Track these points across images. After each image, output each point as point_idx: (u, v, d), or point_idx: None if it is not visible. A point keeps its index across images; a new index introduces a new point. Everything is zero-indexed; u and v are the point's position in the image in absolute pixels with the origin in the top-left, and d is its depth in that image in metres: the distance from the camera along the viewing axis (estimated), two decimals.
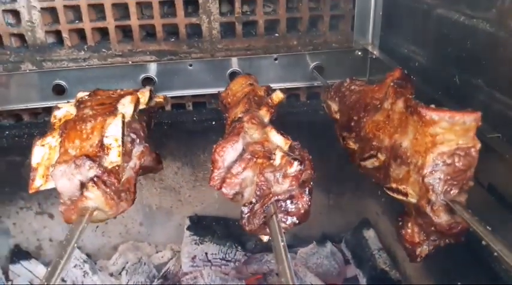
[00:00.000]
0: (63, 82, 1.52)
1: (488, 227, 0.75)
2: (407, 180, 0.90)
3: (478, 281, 1.13)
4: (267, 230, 0.88)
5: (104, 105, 1.08)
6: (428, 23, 1.32)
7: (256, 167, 0.90)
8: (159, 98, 1.32)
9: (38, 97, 1.54)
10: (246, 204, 0.89)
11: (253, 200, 0.89)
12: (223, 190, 0.90)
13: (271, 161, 0.90)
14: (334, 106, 1.31)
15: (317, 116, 1.72)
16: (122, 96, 1.14)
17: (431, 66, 1.33)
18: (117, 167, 0.96)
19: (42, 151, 1.02)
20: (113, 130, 0.98)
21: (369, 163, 1.03)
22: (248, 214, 0.89)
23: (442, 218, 0.84)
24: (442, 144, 0.84)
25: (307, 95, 1.76)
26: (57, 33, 1.54)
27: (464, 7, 1.16)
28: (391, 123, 0.99)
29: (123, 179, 0.99)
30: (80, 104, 1.11)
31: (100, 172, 0.92)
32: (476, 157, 0.84)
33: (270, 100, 1.20)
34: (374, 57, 1.57)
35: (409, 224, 0.91)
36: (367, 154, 1.03)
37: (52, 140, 1.03)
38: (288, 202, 0.90)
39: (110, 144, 0.97)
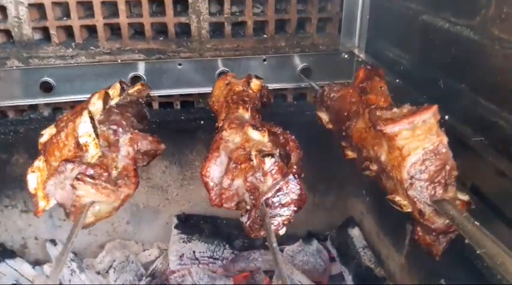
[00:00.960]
0: (50, 80, 1.51)
1: (476, 223, 0.76)
2: (397, 192, 0.91)
3: (462, 279, 1.17)
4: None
5: (76, 111, 1.09)
6: (414, 28, 1.36)
7: (241, 173, 0.90)
8: (137, 86, 1.32)
9: (24, 94, 1.52)
10: (243, 213, 0.91)
11: (248, 207, 0.90)
12: (225, 205, 0.91)
13: (251, 162, 0.90)
14: (325, 117, 1.30)
15: (304, 117, 1.75)
16: (91, 97, 1.15)
17: (415, 70, 1.37)
18: (101, 159, 0.97)
19: (35, 177, 1.04)
20: (83, 127, 0.99)
21: (367, 174, 1.03)
22: (248, 222, 0.90)
23: (438, 222, 0.85)
24: (409, 155, 0.84)
25: (294, 96, 1.79)
26: (45, 30, 1.52)
27: (449, 15, 1.20)
28: (370, 133, 0.99)
29: (119, 169, 1.00)
30: (57, 122, 1.12)
31: (83, 168, 0.93)
32: (447, 151, 0.85)
33: (250, 91, 1.20)
34: (360, 59, 1.61)
35: (418, 228, 0.92)
36: (363, 165, 1.03)
37: (39, 163, 1.05)
38: (279, 195, 0.89)
39: (86, 141, 0.98)
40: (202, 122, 1.70)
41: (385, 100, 1.08)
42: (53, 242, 1.78)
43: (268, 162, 0.88)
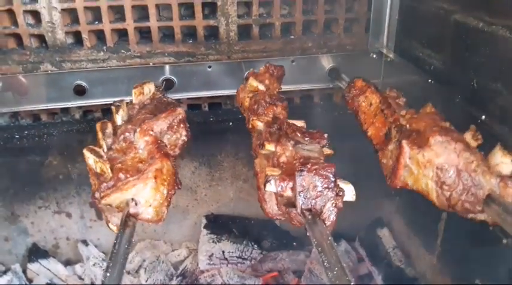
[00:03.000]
0: (83, 83, 1.54)
1: None
2: None
3: (496, 279, 1.17)
4: None
5: None
6: (445, 28, 1.35)
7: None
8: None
9: (58, 97, 1.55)
10: None
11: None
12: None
13: None
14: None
15: (331, 117, 1.76)
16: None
17: (447, 70, 1.36)
18: (119, 166, 0.97)
19: None
20: (90, 162, 1.01)
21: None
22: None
23: None
24: None
25: (321, 97, 1.79)
26: (77, 34, 1.55)
27: (483, 14, 1.19)
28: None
29: (144, 160, 0.99)
30: None
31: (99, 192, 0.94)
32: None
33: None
34: (389, 59, 1.60)
35: None
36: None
37: None
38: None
39: (99, 168, 0.98)
40: (230, 123, 1.71)
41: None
42: (85, 242, 1.82)
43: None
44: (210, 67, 1.59)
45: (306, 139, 1.01)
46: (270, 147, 0.95)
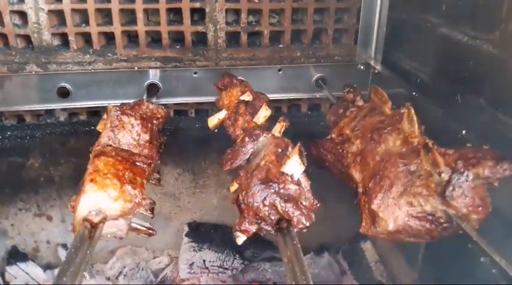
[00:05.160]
0: (67, 85, 1.53)
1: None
2: None
3: None
4: None
5: None
6: (431, 41, 1.35)
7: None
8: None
9: (42, 99, 1.54)
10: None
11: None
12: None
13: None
14: None
15: (318, 127, 1.74)
16: None
17: (433, 83, 1.36)
18: None
19: None
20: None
21: None
22: None
23: None
24: None
25: (308, 106, 1.78)
26: (63, 36, 1.55)
27: (468, 28, 1.18)
28: None
29: None
30: None
31: None
32: None
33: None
34: (376, 71, 1.60)
35: None
36: None
37: None
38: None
39: None
40: (216, 130, 1.69)
41: None
42: (65, 246, 1.80)
43: None
44: (196, 73, 1.58)
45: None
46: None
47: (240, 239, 0.91)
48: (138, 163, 1.00)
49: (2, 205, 1.75)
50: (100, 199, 0.91)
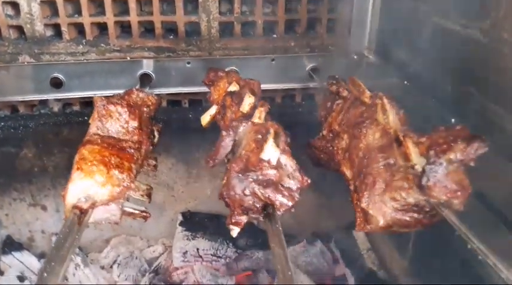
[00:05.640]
0: (60, 76, 1.53)
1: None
2: None
3: (463, 282, 1.16)
4: None
5: None
6: (424, 30, 1.35)
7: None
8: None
9: (35, 89, 1.54)
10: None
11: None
12: None
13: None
14: None
15: (312, 117, 1.74)
16: None
17: (425, 73, 1.36)
18: None
19: None
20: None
21: None
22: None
23: None
24: None
25: (303, 96, 1.79)
26: (56, 27, 1.54)
27: (459, 17, 1.19)
28: None
29: None
30: None
31: None
32: None
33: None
34: (369, 61, 1.60)
35: None
36: None
37: None
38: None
39: None
40: None
41: None
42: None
43: None
44: (189, 63, 1.58)
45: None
46: None
47: (234, 231, 0.92)
48: (125, 149, 1.01)
49: None
50: (88, 185, 0.92)
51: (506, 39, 1.01)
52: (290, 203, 0.88)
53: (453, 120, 1.11)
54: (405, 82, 1.36)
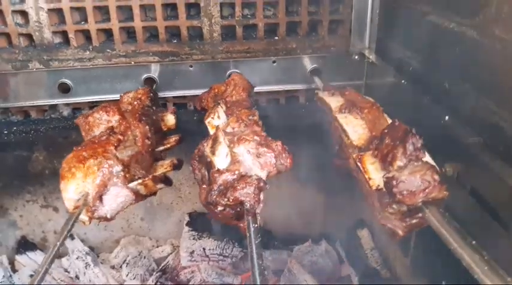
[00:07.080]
0: (68, 81, 1.58)
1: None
2: None
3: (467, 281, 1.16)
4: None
5: None
6: (422, 29, 1.35)
7: None
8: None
9: (45, 95, 1.61)
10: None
11: None
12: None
13: None
14: None
15: (316, 118, 1.76)
16: None
17: (423, 71, 1.36)
18: None
19: None
20: None
21: None
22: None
23: None
24: None
25: (306, 97, 1.80)
26: (64, 34, 1.60)
27: (454, 15, 1.19)
28: None
29: None
30: None
31: None
32: None
33: None
34: (370, 61, 1.61)
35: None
36: None
37: None
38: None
39: None
40: None
41: None
42: (71, 236, 1.86)
43: None
44: (191, 66, 1.62)
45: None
46: None
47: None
48: (102, 139, 1.06)
49: (10, 197, 1.83)
50: (74, 186, 0.97)
51: (498, 35, 1.01)
52: (250, 191, 0.90)
53: (447, 117, 1.11)
54: (403, 81, 1.36)
